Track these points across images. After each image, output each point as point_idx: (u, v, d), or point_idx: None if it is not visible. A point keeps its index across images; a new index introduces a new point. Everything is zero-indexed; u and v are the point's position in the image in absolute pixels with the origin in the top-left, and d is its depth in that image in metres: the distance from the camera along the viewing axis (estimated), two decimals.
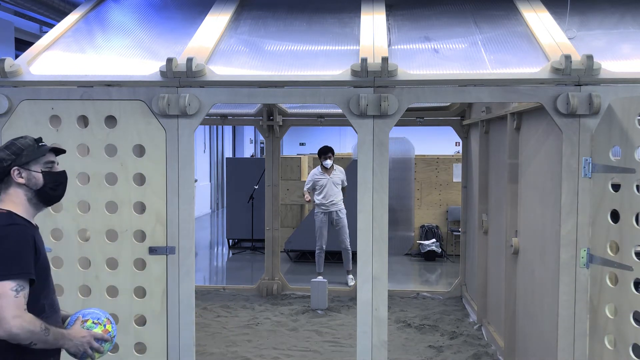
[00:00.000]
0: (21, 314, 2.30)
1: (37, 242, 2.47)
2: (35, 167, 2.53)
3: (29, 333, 2.30)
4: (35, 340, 2.33)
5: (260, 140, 25.64)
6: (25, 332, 2.29)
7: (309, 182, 8.75)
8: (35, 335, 2.32)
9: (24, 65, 4.12)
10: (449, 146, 20.07)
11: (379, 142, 3.85)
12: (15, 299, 2.29)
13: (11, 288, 2.30)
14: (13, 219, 2.44)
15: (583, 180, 3.67)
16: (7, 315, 2.27)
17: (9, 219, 2.44)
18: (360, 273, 3.89)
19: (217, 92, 3.95)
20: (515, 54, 4.10)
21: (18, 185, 2.51)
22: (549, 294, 4.04)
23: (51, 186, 2.57)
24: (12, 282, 2.31)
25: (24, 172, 2.51)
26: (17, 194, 2.51)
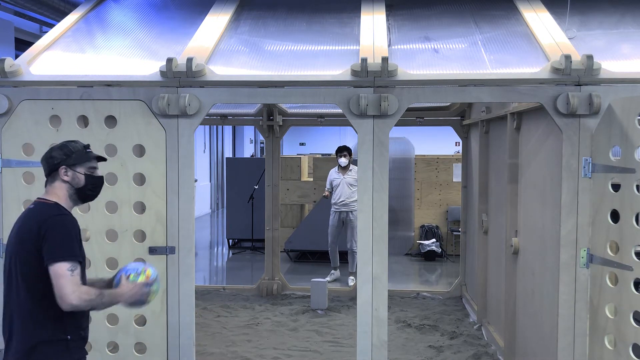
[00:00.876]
0: (78, 288, 2.65)
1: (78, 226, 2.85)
2: (80, 169, 2.89)
3: (87, 302, 2.67)
4: (94, 305, 2.72)
5: (260, 140, 25.64)
6: (84, 302, 2.65)
7: (328, 182, 8.94)
8: (92, 302, 2.69)
9: (24, 65, 4.13)
10: (449, 146, 20.07)
11: (379, 142, 3.85)
12: (71, 277, 2.65)
13: (67, 268, 2.66)
14: (61, 210, 2.81)
15: (583, 180, 3.67)
16: (68, 291, 2.63)
17: (58, 210, 2.80)
18: (360, 273, 3.89)
19: (217, 92, 3.95)
20: (515, 54, 4.10)
21: (63, 182, 2.86)
22: (549, 294, 4.03)
23: (90, 187, 2.94)
24: (67, 263, 2.66)
25: (70, 172, 2.86)
26: (60, 188, 2.86)
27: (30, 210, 2.82)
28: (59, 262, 2.64)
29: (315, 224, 10.46)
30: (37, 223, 2.71)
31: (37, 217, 2.75)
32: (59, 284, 2.63)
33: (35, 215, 2.76)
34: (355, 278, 8.35)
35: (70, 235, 2.73)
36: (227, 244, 12.61)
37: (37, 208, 2.81)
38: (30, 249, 2.69)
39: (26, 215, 2.82)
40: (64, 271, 2.63)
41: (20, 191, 3.98)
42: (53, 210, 2.78)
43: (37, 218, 2.74)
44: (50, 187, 2.87)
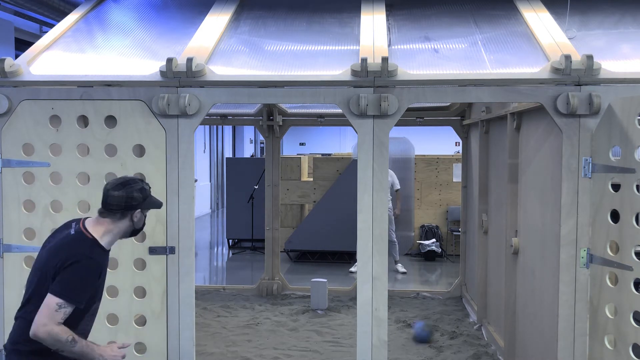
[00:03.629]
0: (52, 325, 2.62)
1: (103, 268, 2.85)
2: (145, 212, 3.00)
3: (55, 341, 2.62)
4: (60, 348, 2.65)
5: (260, 140, 25.64)
6: (50, 337, 2.62)
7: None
8: (60, 344, 2.64)
9: (24, 65, 4.12)
10: (449, 146, 20.06)
11: (379, 142, 3.85)
12: (54, 313, 2.63)
13: (57, 303, 2.65)
14: (92, 251, 2.78)
15: (583, 180, 3.66)
16: (41, 322, 2.62)
17: (90, 251, 2.77)
18: (360, 273, 3.88)
19: (217, 92, 3.95)
20: (515, 54, 4.10)
21: (129, 221, 2.90)
22: (549, 294, 4.03)
23: (141, 228, 3.01)
24: (61, 300, 2.65)
25: (139, 214, 2.93)
26: (122, 227, 2.89)
27: (69, 238, 2.81)
28: (55, 295, 2.65)
29: (315, 224, 10.46)
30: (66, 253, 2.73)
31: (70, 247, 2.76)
32: (42, 311, 2.64)
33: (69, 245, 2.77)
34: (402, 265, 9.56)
35: (84, 281, 2.73)
36: (227, 244, 12.60)
37: (74, 237, 2.81)
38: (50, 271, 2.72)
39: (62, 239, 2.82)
40: (52, 304, 2.64)
41: (20, 191, 3.98)
42: (86, 248, 2.77)
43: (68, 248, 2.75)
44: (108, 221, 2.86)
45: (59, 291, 2.66)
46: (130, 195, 2.86)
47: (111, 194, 2.86)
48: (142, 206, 2.91)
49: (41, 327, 2.61)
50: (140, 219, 2.94)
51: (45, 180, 3.98)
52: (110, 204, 2.85)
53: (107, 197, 2.86)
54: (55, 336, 2.62)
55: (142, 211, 2.93)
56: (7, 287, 4.00)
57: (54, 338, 2.62)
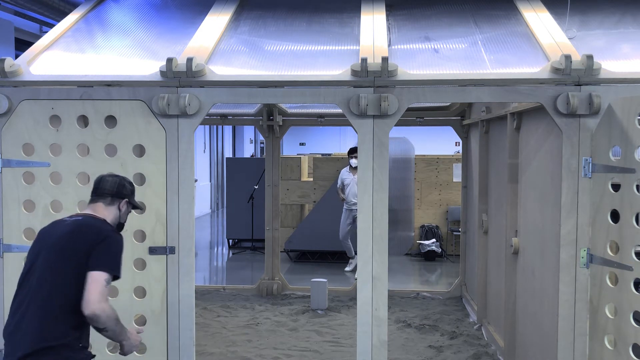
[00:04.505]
0: (105, 300, 2.75)
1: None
2: (129, 208, 3.17)
3: (107, 318, 2.73)
4: (109, 327, 2.76)
5: (260, 140, 25.64)
6: (105, 316, 2.72)
7: (339, 181, 9.27)
8: (110, 321, 2.75)
9: (24, 65, 4.13)
10: (449, 146, 20.07)
11: (379, 142, 3.85)
12: (104, 288, 2.75)
13: (105, 279, 2.77)
14: (112, 227, 3.00)
15: (583, 180, 3.67)
16: (95, 298, 2.71)
17: (109, 226, 2.98)
18: (360, 273, 3.88)
19: (217, 92, 3.95)
20: (515, 54, 4.10)
21: (117, 209, 3.08)
22: (549, 294, 4.03)
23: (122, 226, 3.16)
24: (107, 274, 2.79)
25: (127, 206, 3.13)
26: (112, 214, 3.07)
27: (80, 222, 2.93)
28: (100, 270, 2.76)
29: (315, 224, 10.46)
30: (94, 232, 2.86)
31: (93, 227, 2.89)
32: (90, 288, 2.73)
33: (91, 226, 2.90)
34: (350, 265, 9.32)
35: (120, 254, 2.90)
36: (227, 244, 12.61)
37: (89, 221, 2.94)
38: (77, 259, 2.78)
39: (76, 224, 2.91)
40: (101, 280, 2.75)
41: (20, 191, 3.98)
42: (108, 225, 2.98)
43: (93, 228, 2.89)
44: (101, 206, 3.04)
45: (104, 264, 2.78)
46: (122, 184, 3.10)
47: (106, 179, 3.10)
48: (130, 198, 3.13)
49: (97, 304, 2.69)
50: (125, 213, 3.13)
51: (45, 180, 3.98)
52: (104, 189, 3.06)
53: (100, 182, 3.08)
54: (109, 312, 2.72)
55: (128, 204, 3.12)
56: (7, 287, 4.00)
57: (107, 314, 2.72)
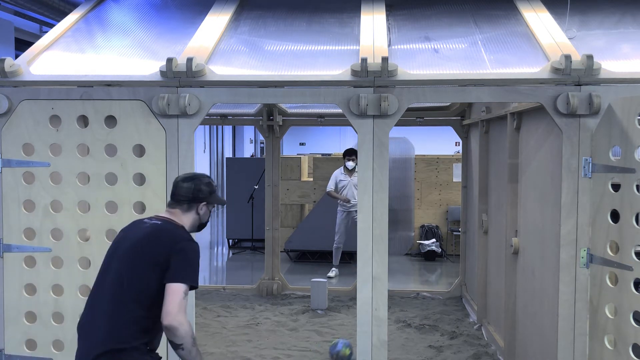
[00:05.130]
0: (182, 313, 2.69)
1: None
2: (210, 207, 3.11)
3: (185, 333, 2.67)
4: (185, 345, 2.69)
5: (260, 140, 25.65)
6: (183, 330, 2.66)
7: (332, 183, 9.12)
8: (187, 339, 2.68)
9: (24, 65, 4.13)
10: (449, 146, 20.07)
11: (379, 142, 3.85)
12: (183, 301, 2.71)
13: (183, 290, 2.73)
14: (190, 235, 2.95)
15: (583, 180, 3.66)
16: (175, 310, 2.67)
17: (187, 234, 2.94)
18: (360, 273, 3.88)
19: (217, 92, 3.95)
20: (515, 54, 4.10)
21: (195, 213, 3.04)
22: (549, 294, 4.03)
23: (205, 224, 3.12)
24: (186, 286, 2.75)
25: (205, 208, 3.06)
26: (192, 219, 3.03)
27: (158, 226, 2.91)
28: (180, 282, 2.73)
29: (315, 224, 10.46)
30: (171, 239, 2.83)
31: (171, 234, 2.86)
32: (171, 300, 2.69)
33: (169, 233, 2.87)
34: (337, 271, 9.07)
35: (197, 263, 2.85)
36: (227, 244, 12.60)
37: (167, 227, 2.91)
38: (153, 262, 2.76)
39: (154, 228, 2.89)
40: (180, 292, 2.71)
41: (20, 191, 3.98)
42: (185, 233, 2.93)
43: (171, 235, 2.86)
44: (181, 213, 3.00)
45: (183, 276, 2.74)
46: (198, 188, 3.01)
47: (181, 185, 3.01)
48: (208, 200, 3.04)
49: (177, 317, 2.66)
50: (206, 213, 3.07)
51: (45, 180, 3.98)
52: (180, 195, 2.99)
53: (176, 187, 3.02)
54: (186, 327, 2.67)
55: (207, 205, 3.05)
56: (7, 287, 4.00)
57: (185, 329, 2.67)
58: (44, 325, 3.99)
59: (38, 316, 3.99)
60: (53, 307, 3.98)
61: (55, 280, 3.98)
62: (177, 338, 2.68)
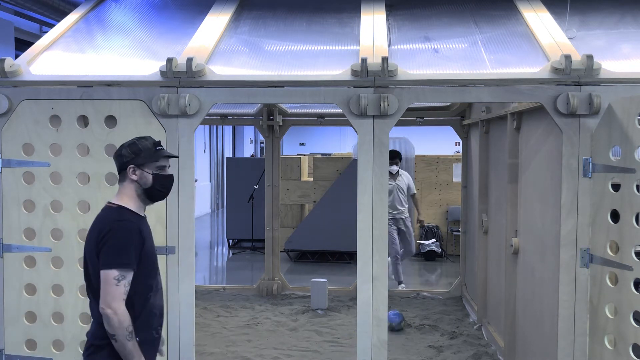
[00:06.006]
0: (118, 301, 2.63)
1: (143, 232, 2.81)
2: (148, 169, 2.85)
3: (117, 323, 2.61)
4: (117, 336, 2.63)
5: (260, 140, 25.64)
6: (116, 320, 2.61)
7: None
8: (120, 331, 2.62)
9: (24, 65, 4.12)
10: (449, 146, 20.07)
11: (379, 142, 3.85)
12: (116, 287, 2.63)
13: (114, 277, 2.64)
14: (121, 215, 2.78)
15: (583, 180, 3.66)
16: (108, 299, 2.63)
17: (119, 215, 2.77)
18: (360, 273, 3.88)
19: (217, 92, 3.95)
20: (515, 54, 4.10)
21: (131, 181, 2.84)
22: (549, 294, 4.03)
23: (158, 187, 2.89)
24: (115, 271, 2.65)
25: (138, 171, 2.83)
26: (129, 188, 2.84)
27: (98, 216, 2.85)
28: (107, 268, 2.66)
29: (315, 224, 10.46)
30: (99, 228, 2.75)
31: (101, 221, 2.78)
32: (103, 289, 2.65)
33: (100, 220, 2.80)
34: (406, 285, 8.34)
35: (125, 242, 2.70)
36: (227, 244, 12.61)
37: (102, 213, 2.84)
38: (93, 253, 2.73)
39: (95, 220, 2.84)
40: (110, 279, 2.65)
41: (20, 191, 3.98)
42: (114, 214, 2.78)
43: (100, 223, 2.78)
44: (120, 187, 2.88)
45: (108, 263, 2.66)
46: (119, 154, 2.86)
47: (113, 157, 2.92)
48: (135, 162, 2.82)
49: (108, 305, 2.62)
50: (144, 177, 2.83)
51: (45, 180, 3.98)
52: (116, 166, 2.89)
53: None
54: (120, 316, 2.61)
55: (138, 167, 2.82)
56: (7, 287, 4.00)
57: (119, 319, 2.61)
58: (44, 325, 3.99)
59: (38, 316, 3.99)
60: (53, 307, 3.98)
61: (55, 280, 3.98)
62: (110, 327, 2.63)
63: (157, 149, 2.88)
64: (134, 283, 2.71)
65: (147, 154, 2.85)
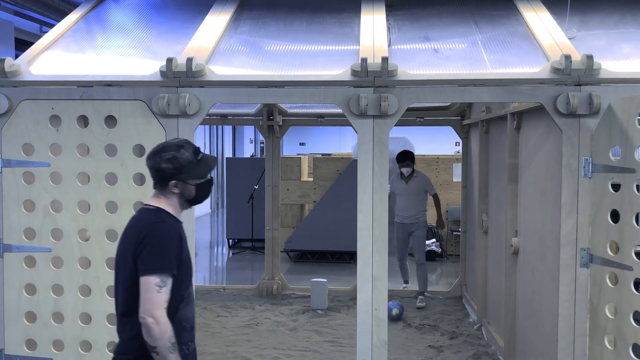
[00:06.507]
0: (160, 309, 2.47)
1: (180, 234, 2.67)
2: (191, 181, 2.71)
3: (159, 334, 2.45)
4: (159, 348, 2.47)
5: (260, 140, 25.64)
6: (157, 330, 2.45)
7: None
8: (161, 341, 2.46)
9: (24, 65, 4.12)
10: (449, 146, 20.06)
11: (379, 142, 3.85)
12: (157, 294, 2.48)
13: (155, 283, 2.49)
14: (161, 217, 2.65)
15: (583, 180, 3.66)
16: (149, 307, 2.46)
17: (158, 217, 2.64)
18: (360, 273, 3.88)
19: (217, 92, 3.95)
20: (515, 54, 4.10)
21: (172, 193, 2.70)
22: (549, 294, 4.03)
23: (202, 195, 2.77)
24: (156, 277, 2.50)
25: (180, 185, 2.69)
26: (170, 198, 2.71)
27: (134, 218, 2.74)
28: (148, 274, 2.50)
29: (315, 224, 10.46)
30: (137, 231, 2.61)
31: (139, 224, 2.64)
32: (144, 297, 2.49)
33: (137, 223, 2.66)
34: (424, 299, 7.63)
35: (165, 246, 2.56)
36: (227, 244, 12.61)
37: (139, 215, 2.72)
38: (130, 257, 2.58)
39: (130, 222, 2.72)
40: (151, 285, 2.49)
41: (20, 191, 3.98)
42: (153, 217, 2.64)
43: (138, 226, 2.63)
44: (158, 192, 2.72)
45: (149, 268, 2.50)
46: (158, 167, 2.66)
47: (146, 163, 2.72)
48: (177, 178, 2.66)
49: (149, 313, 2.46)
50: (187, 189, 2.69)
51: (45, 180, 3.98)
52: (151, 175, 2.72)
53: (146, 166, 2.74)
54: (162, 326, 2.45)
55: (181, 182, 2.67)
56: (7, 287, 4.00)
57: (161, 329, 2.45)
58: (44, 325, 3.99)
59: (38, 316, 3.99)
60: (53, 307, 3.98)
61: (55, 280, 3.98)
62: (150, 338, 2.47)
63: (199, 159, 2.71)
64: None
65: (191, 168, 2.68)
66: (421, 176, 7.82)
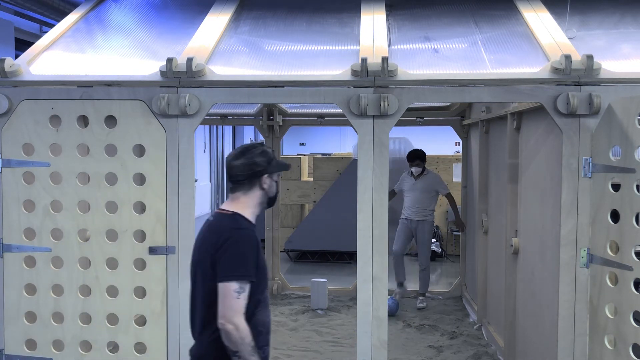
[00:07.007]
0: (238, 315, 2.51)
1: (257, 240, 2.71)
2: (275, 177, 2.83)
3: (239, 339, 2.50)
4: (241, 352, 2.51)
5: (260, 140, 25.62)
6: (237, 335, 2.49)
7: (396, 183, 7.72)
8: (242, 346, 2.51)
9: (24, 65, 4.12)
10: (449, 146, 20.04)
11: (379, 142, 3.85)
12: (235, 300, 2.52)
13: (234, 290, 2.53)
14: (239, 223, 2.69)
15: (583, 180, 3.66)
16: (228, 314, 2.51)
17: (236, 222, 2.69)
18: (360, 273, 3.88)
19: (217, 92, 3.95)
20: (515, 54, 4.10)
21: (260, 190, 2.78)
22: (549, 294, 4.03)
23: (277, 194, 2.90)
24: (236, 283, 2.54)
25: (269, 180, 2.78)
26: (255, 197, 2.78)
27: (210, 224, 2.75)
28: (226, 280, 2.54)
29: (315, 224, 10.46)
30: (215, 236, 2.64)
31: (217, 229, 2.67)
32: (223, 303, 2.53)
33: (215, 228, 2.69)
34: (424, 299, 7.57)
35: (244, 252, 2.61)
36: None
37: (216, 221, 2.74)
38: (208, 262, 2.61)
39: (206, 227, 2.74)
40: (230, 292, 2.53)
41: (20, 191, 3.98)
42: (230, 222, 2.69)
43: (216, 231, 2.67)
44: (241, 194, 2.77)
45: (228, 275, 2.54)
46: (252, 161, 2.74)
47: (233, 164, 2.76)
48: (268, 170, 2.77)
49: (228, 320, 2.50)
50: (271, 185, 2.80)
51: (45, 180, 3.98)
52: (236, 175, 2.75)
53: (230, 168, 2.76)
54: (242, 332, 2.50)
55: (269, 176, 2.78)
56: (7, 287, 4.00)
57: (240, 335, 2.49)
58: (44, 325, 3.99)
59: (38, 316, 3.99)
60: (53, 307, 3.98)
61: (55, 280, 3.98)
62: (232, 343, 2.51)
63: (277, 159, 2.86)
64: None
65: (276, 162, 2.81)
66: (432, 175, 7.71)
